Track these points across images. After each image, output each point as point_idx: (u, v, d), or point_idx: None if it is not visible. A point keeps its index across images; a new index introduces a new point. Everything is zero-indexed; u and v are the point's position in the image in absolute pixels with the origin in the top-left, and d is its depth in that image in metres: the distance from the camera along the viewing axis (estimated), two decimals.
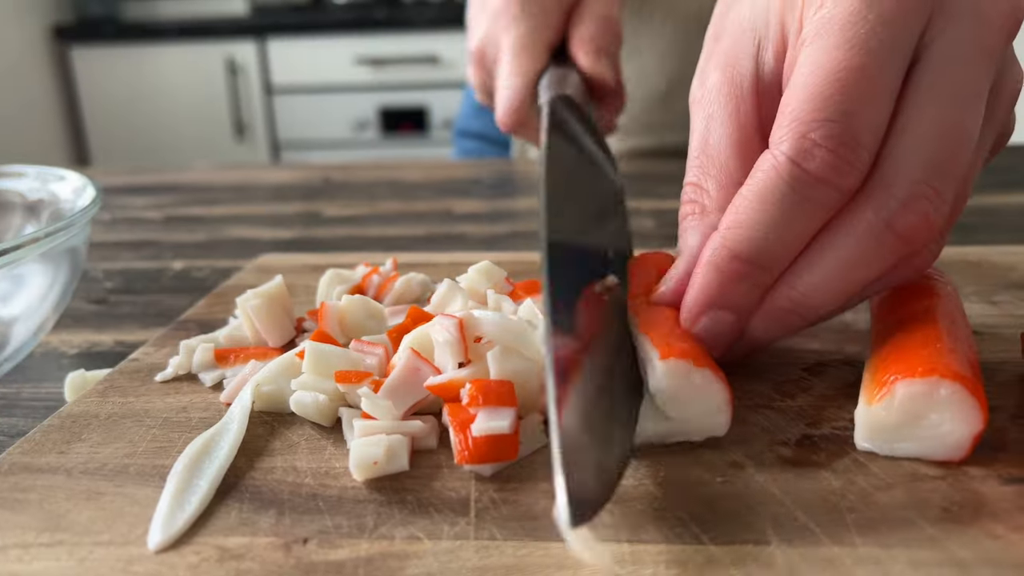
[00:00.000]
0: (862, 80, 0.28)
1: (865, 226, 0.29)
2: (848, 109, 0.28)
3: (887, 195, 0.29)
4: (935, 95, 0.29)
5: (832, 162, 0.28)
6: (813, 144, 0.29)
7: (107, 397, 0.35)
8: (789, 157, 0.29)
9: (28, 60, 2.64)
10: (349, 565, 0.24)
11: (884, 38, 0.29)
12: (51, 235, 0.38)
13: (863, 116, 0.28)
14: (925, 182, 0.29)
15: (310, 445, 0.31)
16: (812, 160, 0.29)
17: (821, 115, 0.28)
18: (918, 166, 0.29)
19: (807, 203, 0.29)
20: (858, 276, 0.30)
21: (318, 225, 0.71)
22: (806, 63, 0.30)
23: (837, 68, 0.29)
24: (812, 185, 0.29)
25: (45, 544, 0.26)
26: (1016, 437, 0.30)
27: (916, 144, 0.29)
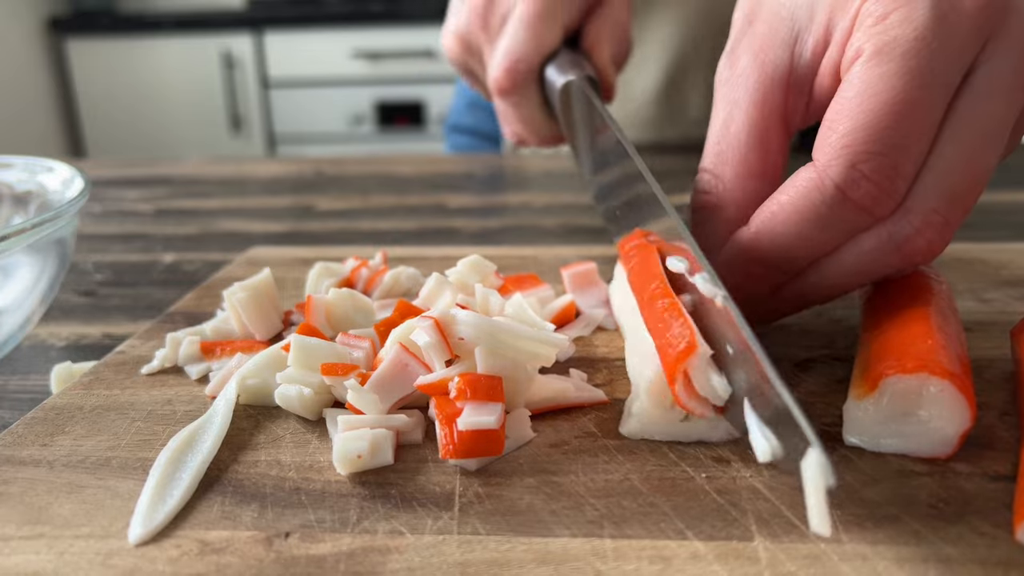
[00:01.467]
0: (917, 115, 0.29)
1: (876, 243, 0.31)
2: (899, 144, 0.29)
3: (905, 221, 0.30)
4: (969, 130, 0.30)
5: (876, 194, 0.29)
6: (862, 176, 0.29)
7: (92, 389, 0.35)
8: (836, 184, 0.30)
9: (24, 52, 2.63)
10: (330, 559, 0.24)
11: (943, 70, 0.29)
12: (38, 226, 0.37)
13: (911, 151, 0.29)
14: (940, 212, 0.30)
15: (295, 439, 0.31)
16: (857, 190, 0.29)
17: (873, 148, 0.29)
18: (938, 197, 0.30)
19: (841, 224, 0.31)
20: (855, 281, 0.33)
21: (310, 219, 0.71)
22: (863, 84, 0.29)
23: (895, 100, 0.29)
24: (852, 211, 0.30)
25: (25, 537, 0.25)
26: (1003, 435, 0.29)
27: (942, 177, 0.30)
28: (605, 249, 0.52)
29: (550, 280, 0.46)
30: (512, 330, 0.31)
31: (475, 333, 0.30)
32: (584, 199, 0.73)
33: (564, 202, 0.72)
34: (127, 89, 2.72)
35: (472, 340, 0.30)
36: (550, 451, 0.29)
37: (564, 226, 0.65)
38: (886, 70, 0.29)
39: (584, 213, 0.69)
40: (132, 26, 2.66)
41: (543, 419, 0.31)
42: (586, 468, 0.28)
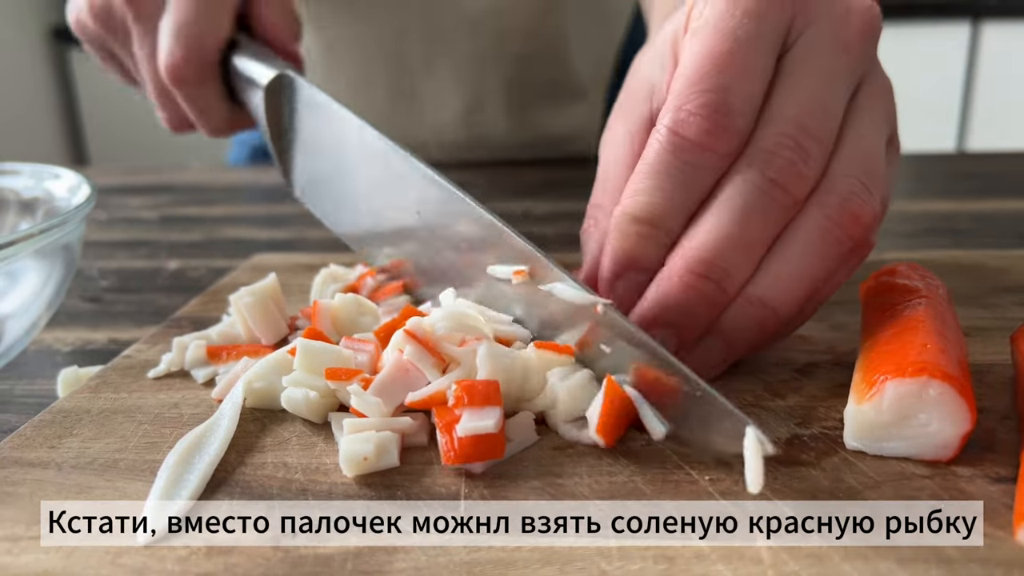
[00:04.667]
0: (733, 60, 0.32)
1: (742, 179, 0.32)
2: (720, 83, 0.32)
3: (757, 149, 0.32)
4: (800, 74, 0.33)
5: (707, 127, 0.32)
6: (688, 114, 0.32)
7: (99, 393, 0.35)
8: (668, 128, 0.32)
9: (27, 62, 2.64)
10: (337, 559, 0.24)
11: (750, 28, 0.33)
12: (45, 232, 0.38)
13: (733, 88, 0.32)
14: (787, 134, 0.32)
15: (301, 441, 0.31)
16: (689, 128, 0.32)
17: (696, 88, 0.32)
18: (783, 121, 0.32)
19: (689, 167, 0.32)
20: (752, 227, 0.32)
21: (314, 226, 0.71)
22: (684, 55, 0.34)
23: (710, 52, 0.32)
24: (690, 150, 0.32)
25: (35, 537, 0.26)
26: (1004, 437, 0.30)
27: (781, 108, 0.33)
28: None
29: None
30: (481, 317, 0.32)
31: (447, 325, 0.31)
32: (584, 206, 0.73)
33: (565, 210, 0.73)
34: (130, 98, 2.73)
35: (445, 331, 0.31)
36: (554, 453, 0.30)
37: (565, 235, 0.66)
38: (700, 37, 0.33)
39: None
40: None
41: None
42: (590, 470, 0.28)
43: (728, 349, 0.34)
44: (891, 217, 0.68)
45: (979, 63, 2.49)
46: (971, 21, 2.45)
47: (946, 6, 2.43)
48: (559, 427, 0.31)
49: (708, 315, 0.33)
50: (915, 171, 0.87)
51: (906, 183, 0.82)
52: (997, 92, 2.49)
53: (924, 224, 0.66)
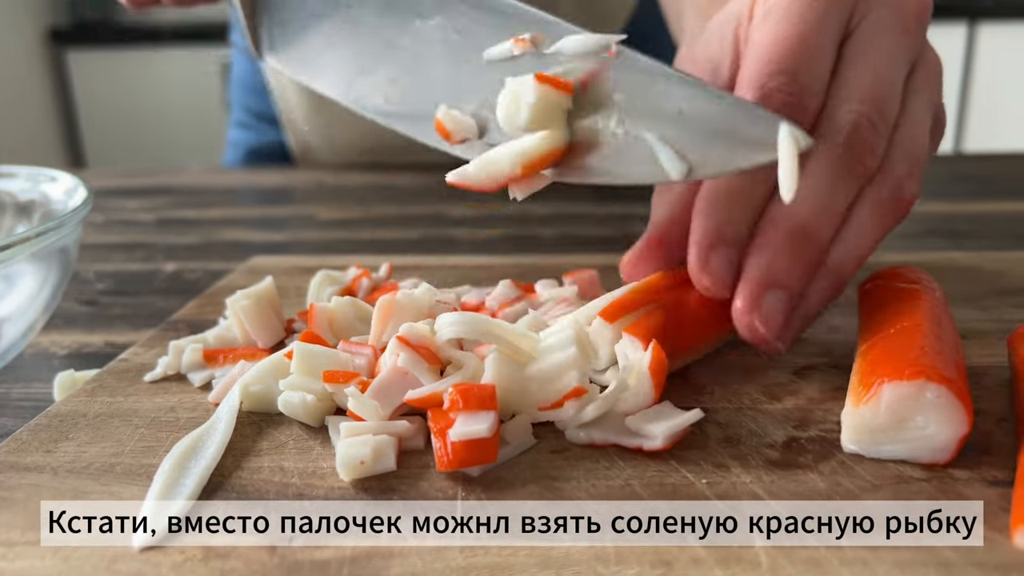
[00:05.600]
0: (804, 44, 0.34)
1: (826, 152, 0.34)
2: (796, 66, 0.34)
3: (835, 124, 0.34)
4: (863, 56, 0.35)
5: (789, 101, 0.34)
6: (771, 91, 0.34)
7: (95, 397, 0.35)
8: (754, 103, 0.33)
9: (24, 63, 2.64)
10: (334, 564, 0.24)
11: (817, 14, 0.35)
12: (42, 235, 0.38)
13: (808, 69, 0.34)
14: (863, 112, 0.34)
15: (298, 445, 0.31)
16: (772, 102, 0.34)
17: (774, 68, 0.34)
18: (854, 99, 0.34)
19: None
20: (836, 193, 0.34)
21: (311, 228, 0.71)
22: (757, 39, 0.36)
23: (783, 37, 0.35)
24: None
25: (30, 542, 0.25)
26: (1001, 440, 0.30)
27: (852, 86, 0.35)
28: (606, 258, 0.53)
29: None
30: (497, 324, 0.32)
31: (464, 330, 0.31)
32: (583, 208, 0.73)
33: (564, 212, 0.73)
34: (127, 100, 2.73)
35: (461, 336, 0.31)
36: (552, 457, 0.30)
37: (564, 236, 0.66)
38: (770, 21, 0.35)
39: (585, 224, 0.69)
40: (132, 37, 2.67)
41: (545, 425, 0.32)
42: (587, 474, 0.28)
43: (806, 316, 0.35)
44: None
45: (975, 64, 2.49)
46: (967, 22, 2.45)
47: (942, 7, 2.43)
48: (567, 430, 0.31)
49: (809, 276, 0.35)
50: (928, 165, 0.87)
51: None
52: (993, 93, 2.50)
53: (921, 226, 0.66)
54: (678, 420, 0.30)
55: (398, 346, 0.31)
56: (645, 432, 0.30)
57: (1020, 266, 0.49)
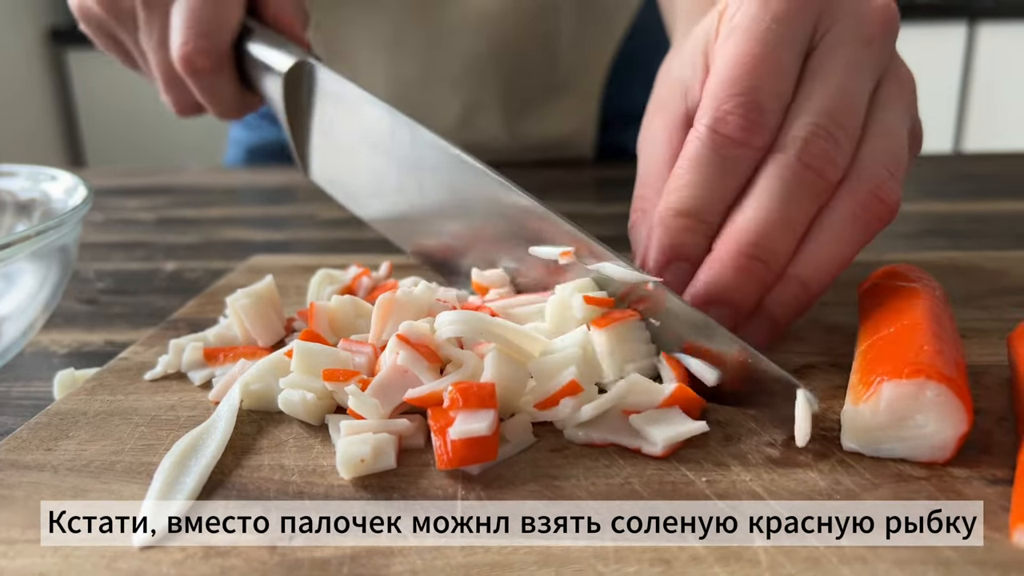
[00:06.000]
0: (762, 63, 0.35)
1: (780, 165, 0.35)
2: (753, 85, 0.35)
3: (790, 139, 0.35)
4: (828, 68, 0.36)
5: (743, 124, 0.35)
6: (726, 113, 0.35)
7: (95, 395, 0.35)
8: (708, 126, 0.35)
9: (24, 63, 2.64)
10: (334, 562, 0.24)
11: (778, 32, 0.35)
12: (42, 233, 0.38)
13: (765, 89, 0.35)
14: (820, 124, 0.35)
15: (298, 443, 0.31)
16: (727, 125, 0.35)
17: (731, 91, 0.35)
18: (813, 112, 0.35)
19: (727, 161, 0.35)
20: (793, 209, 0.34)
21: (311, 228, 0.71)
22: (718, 60, 0.36)
23: (743, 55, 0.35)
24: (729, 145, 0.35)
25: (30, 540, 0.25)
26: (1001, 439, 0.30)
27: (812, 99, 0.35)
28: None
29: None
30: (498, 323, 0.32)
31: (464, 329, 0.31)
32: (584, 207, 0.73)
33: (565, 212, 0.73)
34: (127, 100, 2.73)
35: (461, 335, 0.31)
36: (551, 456, 0.30)
37: None
38: (732, 42, 0.36)
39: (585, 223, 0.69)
40: None
41: (545, 424, 0.32)
42: (587, 472, 0.28)
43: (773, 327, 0.36)
44: None
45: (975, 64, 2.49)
46: (967, 22, 2.45)
47: (942, 7, 2.43)
48: (566, 429, 0.31)
49: (758, 293, 0.35)
50: (911, 173, 0.87)
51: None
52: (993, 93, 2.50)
53: (921, 225, 0.66)
54: (682, 429, 0.30)
55: (398, 344, 0.31)
56: (647, 435, 0.30)
57: (1020, 265, 0.49)
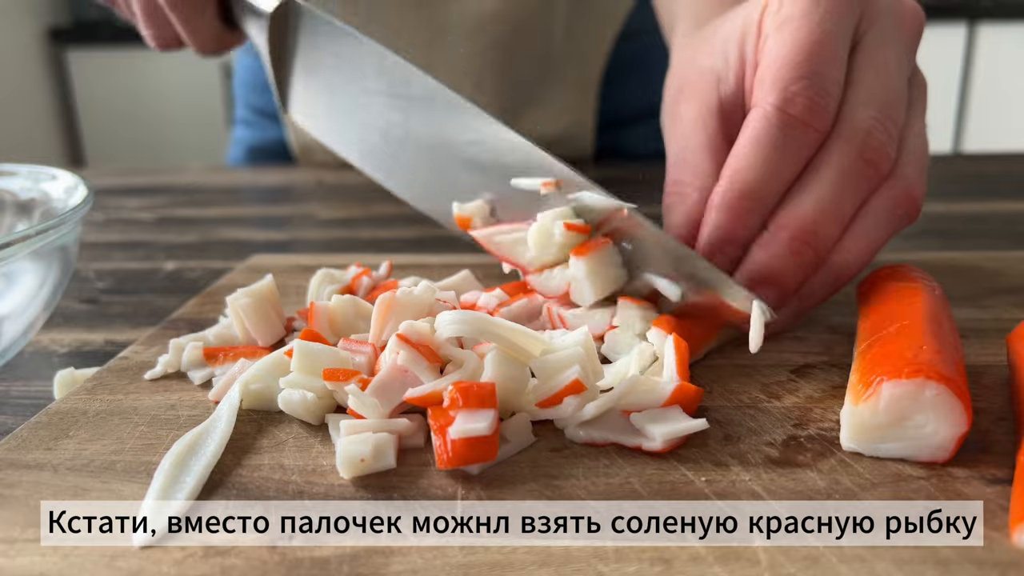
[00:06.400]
0: (823, 51, 0.36)
1: (841, 155, 0.36)
2: (816, 70, 0.36)
3: (852, 129, 0.36)
4: (873, 64, 0.37)
5: (810, 106, 0.36)
6: (794, 94, 0.36)
7: (95, 394, 0.35)
8: (776, 106, 0.36)
9: (24, 62, 2.64)
10: (334, 561, 0.24)
11: (831, 24, 0.37)
12: (42, 233, 0.38)
13: (828, 74, 0.36)
14: (876, 118, 0.36)
15: (298, 443, 0.31)
16: (795, 106, 0.36)
17: (797, 73, 0.36)
18: (870, 106, 0.37)
19: (794, 143, 0.36)
20: (846, 199, 0.36)
21: (311, 227, 0.71)
22: (775, 46, 0.37)
23: (803, 43, 0.36)
24: (796, 127, 0.36)
25: (31, 540, 0.25)
26: (1000, 439, 0.30)
27: (867, 94, 0.37)
28: None
29: None
30: (498, 323, 0.32)
31: (465, 328, 0.31)
32: None
33: None
34: (127, 99, 2.73)
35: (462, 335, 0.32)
36: (551, 455, 0.30)
37: None
38: (789, 30, 0.37)
39: None
40: (132, 37, 2.65)
41: (545, 424, 0.32)
42: (587, 472, 0.28)
43: (801, 311, 0.38)
44: None
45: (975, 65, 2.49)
46: (967, 23, 2.45)
47: (942, 8, 2.43)
48: (567, 429, 0.31)
49: (805, 277, 0.37)
50: None
51: None
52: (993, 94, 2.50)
53: (920, 225, 0.66)
54: (681, 426, 0.30)
55: (398, 344, 0.32)
56: (646, 432, 0.30)
57: (1019, 265, 0.49)
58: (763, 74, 0.37)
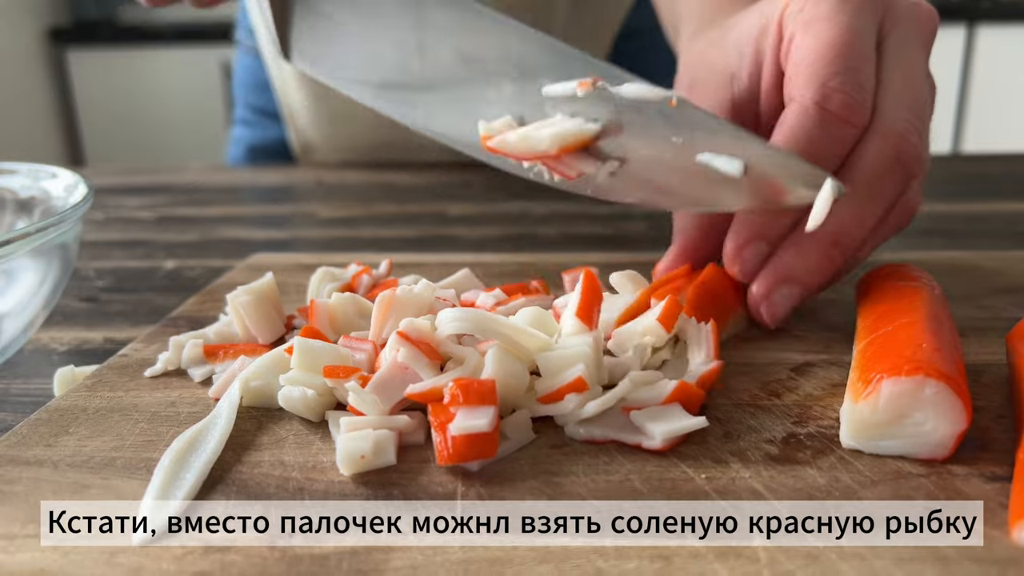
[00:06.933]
0: (855, 48, 0.36)
1: (877, 155, 0.36)
2: (851, 66, 0.36)
3: (887, 129, 0.36)
4: (900, 65, 0.37)
5: (848, 102, 0.35)
6: (833, 90, 0.35)
7: (95, 392, 0.35)
8: (815, 101, 0.36)
9: (24, 62, 2.64)
10: (334, 558, 0.24)
11: (859, 24, 0.37)
12: (42, 231, 0.38)
13: (862, 71, 0.36)
14: (910, 120, 0.36)
15: (298, 440, 0.31)
16: (833, 102, 0.35)
17: (833, 69, 0.36)
18: (903, 108, 0.36)
19: (831, 139, 0.36)
20: (880, 201, 0.36)
21: (311, 226, 0.71)
22: (807, 43, 0.37)
23: (835, 41, 0.36)
24: (834, 122, 0.35)
25: (30, 535, 0.25)
26: (999, 436, 0.30)
27: (897, 94, 0.37)
28: (605, 256, 0.53)
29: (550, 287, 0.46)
30: (499, 320, 0.32)
31: (467, 326, 0.31)
32: (582, 207, 0.73)
33: (563, 211, 0.73)
34: (127, 100, 2.73)
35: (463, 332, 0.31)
36: (551, 452, 0.30)
37: (563, 234, 0.66)
38: (818, 29, 0.37)
39: (583, 222, 0.69)
40: (133, 37, 2.67)
41: (545, 421, 0.32)
42: (587, 469, 0.29)
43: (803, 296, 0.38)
44: None
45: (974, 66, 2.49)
46: (967, 25, 2.46)
47: (942, 9, 2.43)
48: (567, 426, 0.31)
49: (829, 277, 0.37)
50: None
51: None
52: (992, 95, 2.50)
53: (920, 225, 0.66)
54: (681, 424, 0.30)
55: (398, 341, 0.32)
56: (646, 430, 0.30)
57: (1018, 265, 0.49)
58: (796, 70, 0.37)
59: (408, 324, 0.32)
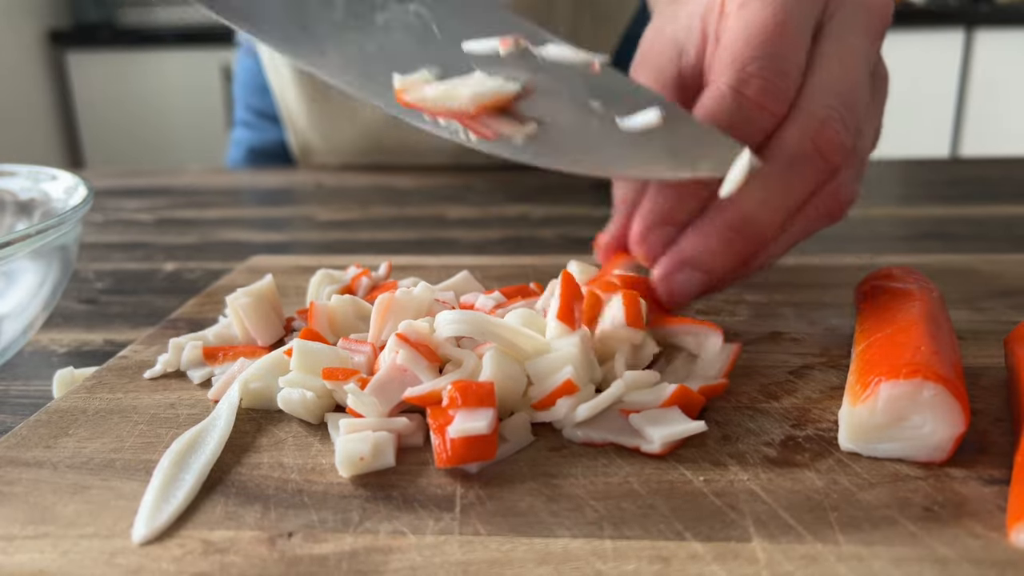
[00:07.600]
0: (785, 32, 0.35)
1: (793, 143, 0.34)
2: (775, 51, 0.35)
3: (808, 116, 0.34)
4: (837, 50, 0.36)
5: (766, 87, 0.34)
6: (750, 75, 0.34)
7: (95, 393, 0.35)
8: (731, 86, 0.35)
9: (24, 65, 2.64)
10: (333, 559, 0.24)
11: (794, 6, 0.35)
12: (42, 232, 0.38)
13: (787, 57, 0.35)
14: (835, 107, 0.35)
15: (297, 442, 0.31)
16: (749, 87, 0.34)
17: (755, 54, 0.35)
18: (829, 95, 0.35)
19: (746, 125, 0.35)
20: (793, 191, 0.35)
21: (310, 229, 0.71)
22: (736, 24, 0.36)
23: (764, 23, 0.35)
24: (750, 108, 0.34)
25: (30, 536, 0.26)
26: (997, 439, 0.30)
27: (826, 81, 0.35)
28: None
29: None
30: (497, 323, 0.32)
31: (465, 328, 0.31)
32: (581, 210, 0.73)
33: (562, 214, 0.73)
34: (127, 102, 2.73)
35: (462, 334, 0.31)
36: (550, 454, 0.30)
37: (562, 237, 0.66)
38: (751, 9, 0.36)
39: (582, 225, 0.69)
40: (133, 39, 2.68)
41: (544, 423, 0.32)
42: (586, 471, 0.29)
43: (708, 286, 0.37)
44: (885, 221, 0.68)
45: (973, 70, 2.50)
46: (965, 29, 2.46)
47: (940, 14, 2.44)
48: (565, 429, 0.31)
49: (735, 266, 0.36)
50: (909, 176, 0.87)
51: (900, 188, 0.83)
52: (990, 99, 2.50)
53: (918, 228, 0.66)
54: (680, 428, 0.30)
55: (397, 343, 0.32)
56: (645, 434, 0.30)
57: (1016, 268, 0.49)
58: (721, 52, 0.36)
59: (407, 326, 0.32)
